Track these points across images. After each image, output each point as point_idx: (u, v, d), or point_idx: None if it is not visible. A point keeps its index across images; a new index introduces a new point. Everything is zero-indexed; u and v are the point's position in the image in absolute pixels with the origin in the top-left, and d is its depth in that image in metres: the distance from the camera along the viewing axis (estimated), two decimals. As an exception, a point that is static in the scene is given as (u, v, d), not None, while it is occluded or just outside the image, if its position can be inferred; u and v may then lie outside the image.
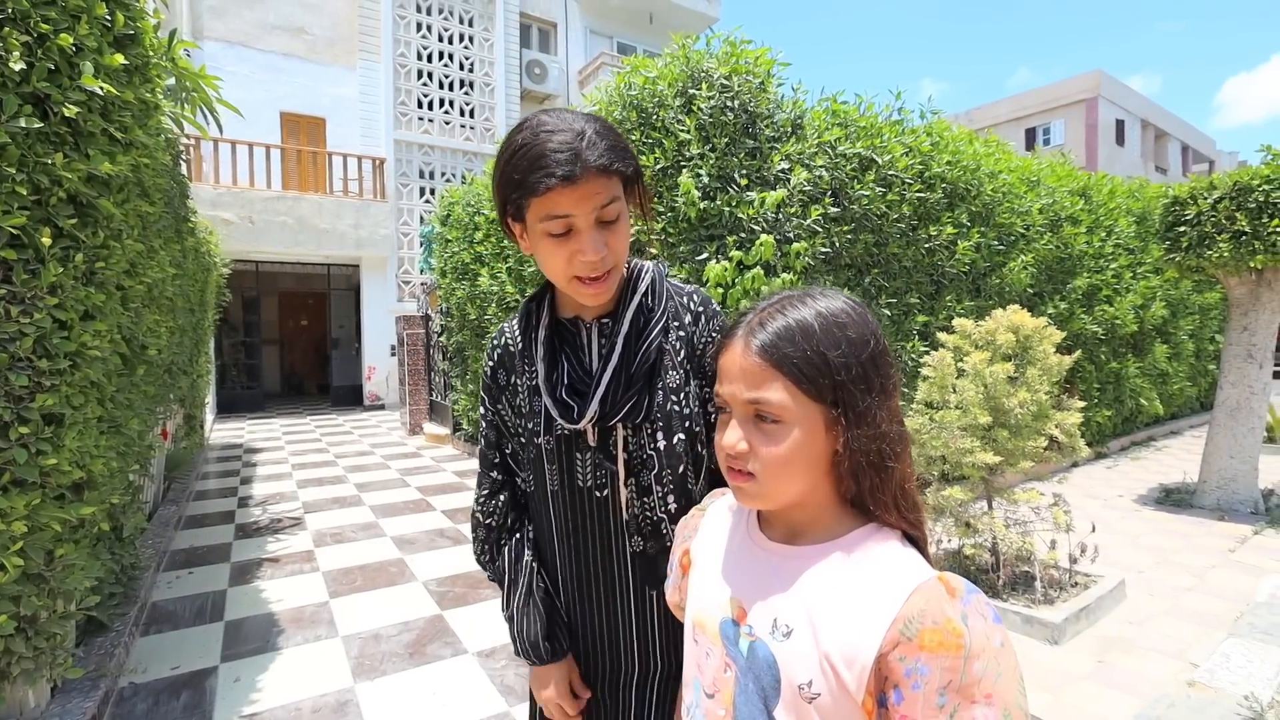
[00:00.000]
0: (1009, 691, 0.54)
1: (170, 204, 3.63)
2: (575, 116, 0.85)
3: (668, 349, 0.94)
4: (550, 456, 0.96)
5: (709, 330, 0.98)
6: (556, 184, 0.79)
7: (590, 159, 0.80)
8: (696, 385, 0.96)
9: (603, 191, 0.82)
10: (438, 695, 2.36)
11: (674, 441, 0.92)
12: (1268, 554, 3.61)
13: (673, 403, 0.93)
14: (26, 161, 1.68)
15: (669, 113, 3.64)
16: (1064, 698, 2.26)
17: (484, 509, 1.06)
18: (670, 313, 0.96)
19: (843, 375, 0.60)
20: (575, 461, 0.95)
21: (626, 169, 0.85)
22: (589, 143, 0.81)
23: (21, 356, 1.72)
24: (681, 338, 0.95)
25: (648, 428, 0.92)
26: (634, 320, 0.93)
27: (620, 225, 0.86)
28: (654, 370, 0.93)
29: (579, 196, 0.81)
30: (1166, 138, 26.99)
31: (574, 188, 0.80)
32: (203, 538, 4.24)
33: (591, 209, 0.82)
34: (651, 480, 0.92)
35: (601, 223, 0.84)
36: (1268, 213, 3.85)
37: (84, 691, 2.15)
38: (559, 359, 0.95)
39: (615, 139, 0.84)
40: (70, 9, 1.75)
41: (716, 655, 0.69)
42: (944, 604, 0.56)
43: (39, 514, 1.78)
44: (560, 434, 0.94)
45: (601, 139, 0.82)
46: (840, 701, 0.58)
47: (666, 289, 0.98)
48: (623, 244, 0.88)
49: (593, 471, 0.94)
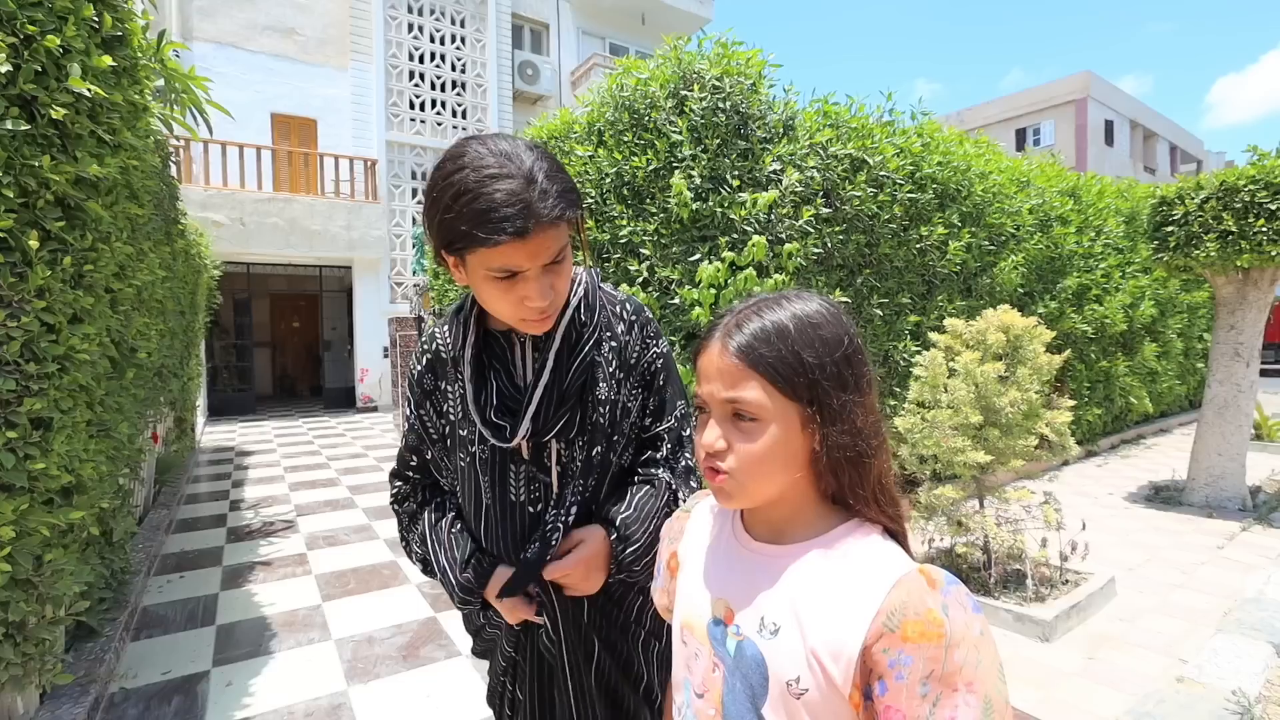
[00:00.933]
0: (989, 679, 0.56)
1: (160, 206, 3.61)
2: (518, 151, 0.79)
3: (599, 362, 0.94)
4: (484, 467, 0.95)
5: (642, 338, 0.99)
6: (507, 240, 0.75)
7: (542, 212, 0.76)
8: (628, 390, 0.97)
9: (554, 244, 0.80)
10: (431, 698, 2.35)
11: (593, 453, 0.94)
12: (1255, 550, 3.65)
13: (599, 414, 0.94)
14: (13, 164, 1.67)
15: (661, 114, 3.65)
16: (1054, 694, 2.27)
17: (407, 499, 1.09)
18: (602, 325, 0.95)
19: (817, 374, 0.62)
20: (509, 473, 0.94)
21: (576, 215, 0.82)
22: (540, 192, 0.76)
23: (9, 360, 1.70)
24: (614, 348, 0.96)
25: (580, 440, 0.94)
26: (566, 336, 0.91)
27: (565, 264, 0.84)
28: (585, 385, 0.93)
29: (530, 251, 0.78)
30: (1155, 138, 27.23)
31: (525, 243, 0.76)
32: (194, 541, 4.21)
33: (543, 261, 0.80)
34: (569, 490, 0.94)
35: (549, 264, 0.81)
36: (1253, 213, 3.89)
37: (74, 697, 2.13)
38: (488, 375, 0.93)
39: (564, 180, 0.80)
40: (57, 10, 1.74)
41: (705, 656, 0.70)
42: (925, 595, 0.57)
43: (27, 519, 1.76)
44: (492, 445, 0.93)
45: (552, 183, 0.78)
46: (828, 696, 0.59)
47: (600, 300, 0.96)
48: (567, 281, 0.87)
49: (525, 485, 0.94)
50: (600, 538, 0.92)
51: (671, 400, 1.01)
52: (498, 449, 0.93)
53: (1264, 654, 2.44)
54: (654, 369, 0.99)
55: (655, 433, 0.98)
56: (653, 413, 0.99)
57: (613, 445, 0.96)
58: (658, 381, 0.99)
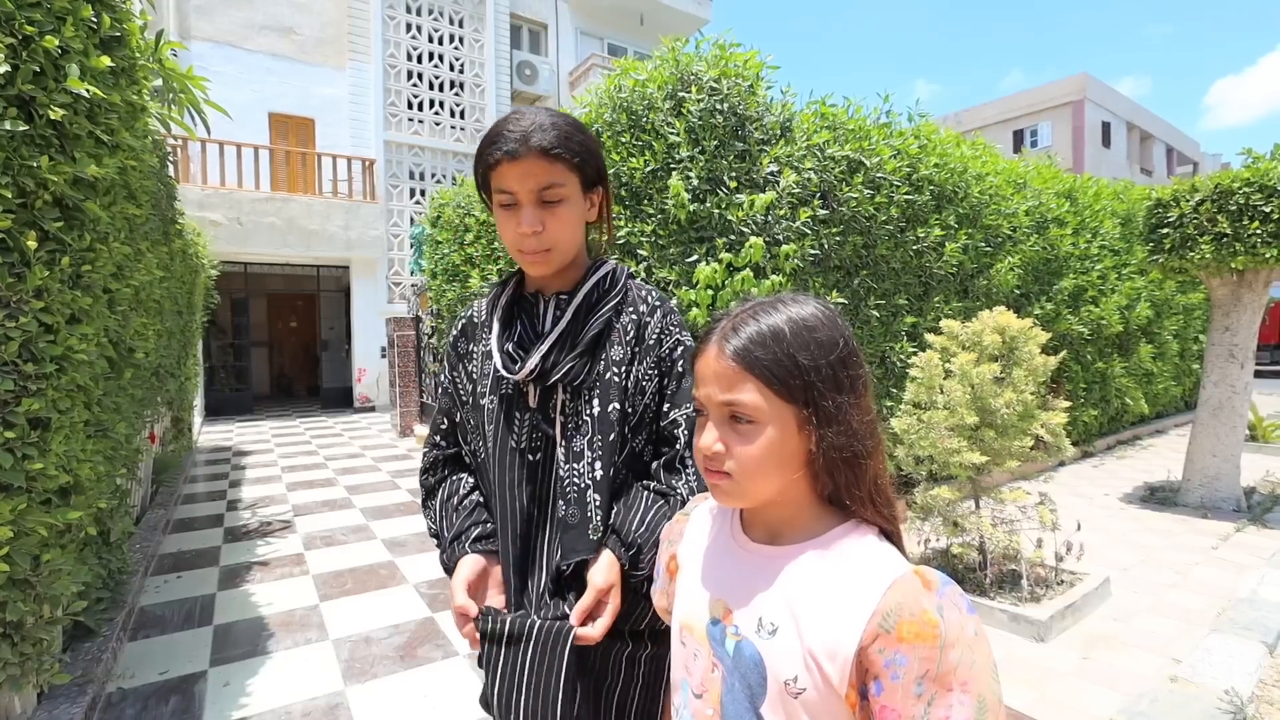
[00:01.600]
0: (983, 679, 0.57)
1: (157, 206, 3.61)
2: (553, 114, 0.94)
3: (616, 326, 0.99)
4: (490, 416, 1.00)
5: (664, 322, 1.01)
6: (501, 158, 0.90)
7: (534, 141, 0.89)
8: (644, 368, 0.99)
9: (542, 173, 0.90)
10: (429, 698, 2.36)
11: (608, 409, 0.96)
12: (1249, 551, 3.67)
13: (613, 373, 0.97)
14: (11, 164, 1.67)
15: (659, 115, 3.65)
16: (1048, 694, 2.29)
17: (428, 473, 1.13)
18: (623, 297, 1.02)
19: (812, 376, 0.63)
20: (514, 421, 0.99)
21: (572, 158, 0.92)
22: (540, 129, 0.90)
23: (7, 361, 1.70)
24: (633, 320, 1.00)
25: (585, 393, 0.96)
26: (588, 295, 0.99)
27: (561, 210, 0.93)
28: (599, 340, 0.98)
29: (520, 173, 0.90)
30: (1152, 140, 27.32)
31: (515, 164, 0.90)
32: (191, 541, 4.21)
33: (531, 187, 0.91)
34: (584, 445, 0.95)
35: (543, 203, 0.92)
36: (1248, 215, 3.92)
37: (71, 697, 2.13)
38: (514, 324, 1.02)
39: (574, 134, 0.93)
40: (56, 11, 1.74)
41: (704, 656, 0.70)
42: (920, 597, 0.58)
43: (25, 519, 1.76)
44: (503, 393, 1.00)
45: (556, 130, 0.91)
46: (825, 695, 0.60)
47: (626, 281, 1.04)
48: (563, 228, 0.94)
49: (529, 433, 0.98)
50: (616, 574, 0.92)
51: (688, 391, 1.02)
52: (505, 399, 1.00)
53: (1257, 654, 2.46)
54: (674, 355, 1.00)
55: (672, 418, 0.99)
56: (670, 398, 1.00)
57: (626, 415, 0.97)
58: (676, 368, 1.00)
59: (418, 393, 8.97)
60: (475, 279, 5.87)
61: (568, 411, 0.97)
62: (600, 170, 0.99)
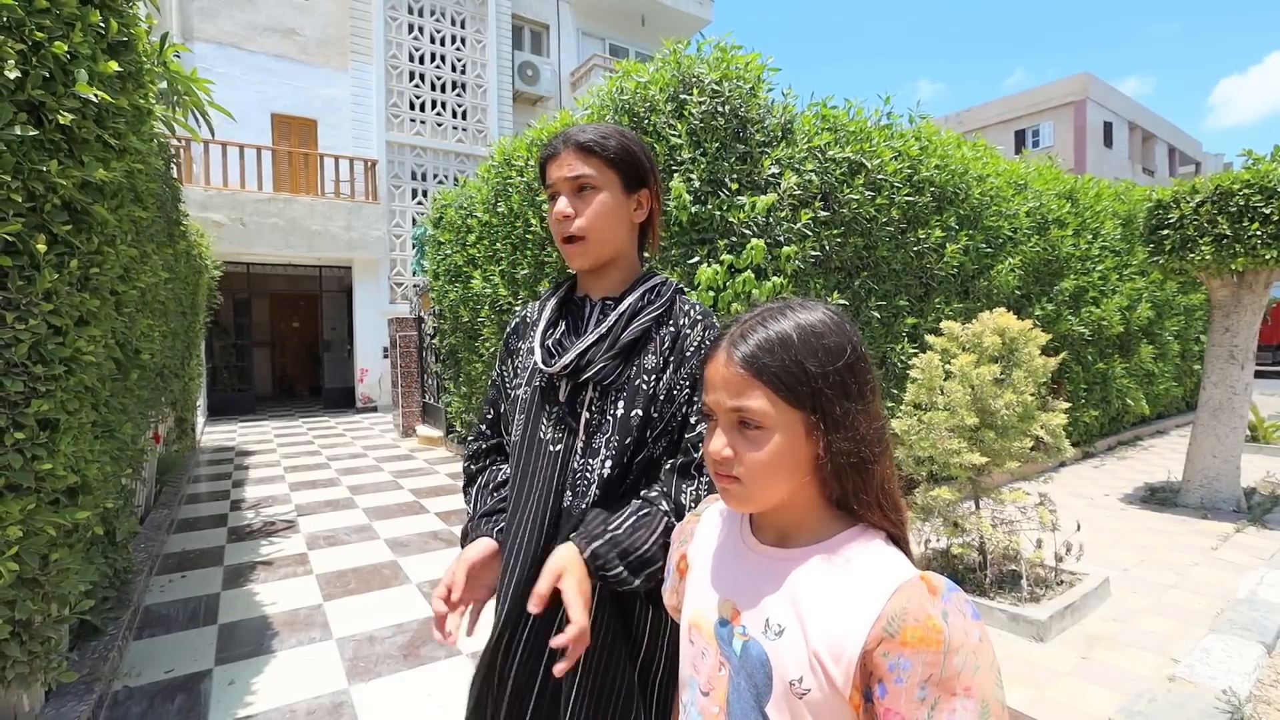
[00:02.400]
0: (987, 684, 0.58)
1: (162, 208, 3.63)
2: (605, 125, 1.05)
3: (655, 336, 1.03)
4: (523, 406, 1.07)
5: (704, 336, 1.03)
6: (547, 156, 1.04)
7: (571, 138, 1.01)
8: (673, 378, 1.01)
9: (576, 165, 1.00)
10: (432, 696, 2.38)
11: (631, 414, 0.98)
12: (1249, 551, 3.68)
13: (643, 380, 1.00)
14: (21, 169, 1.69)
15: (660, 117, 3.67)
16: (1048, 693, 2.30)
17: (471, 461, 1.20)
18: (667, 309, 1.05)
19: (820, 383, 0.63)
20: (543, 413, 1.04)
21: (606, 154, 1.01)
22: (582, 131, 1.02)
23: (17, 362, 1.72)
24: (670, 333, 1.03)
25: (613, 394, 1.00)
26: (634, 303, 1.04)
27: (594, 199, 1.01)
28: (635, 346, 1.01)
29: (558, 166, 1.02)
30: (1153, 140, 27.29)
31: (556, 159, 1.02)
32: (195, 541, 4.23)
33: (566, 175, 1.01)
34: (602, 444, 0.99)
35: (578, 192, 1.01)
36: (1248, 216, 3.93)
37: (78, 695, 2.16)
38: (560, 323, 1.09)
39: (613, 136, 1.02)
40: (65, 17, 1.76)
41: (711, 655, 0.72)
42: (925, 602, 0.59)
43: (34, 519, 1.78)
44: (538, 386, 1.06)
45: (595, 131, 1.02)
46: (829, 697, 0.61)
47: (673, 295, 1.08)
48: (597, 217, 1.01)
49: (554, 425, 1.03)
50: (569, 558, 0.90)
51: None
52: (539, 391, 1.06)
53: (1255, 654, 2.47)
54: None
55: (699, 431, 0.99)
56: (699, 411, 1.00)
57: (650, 420, 0.99)
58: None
59: (420, 393, 8.99)
60: (477, 280, 5.89)
61: (594, 409, 1.01)
62: (645, 175, 1.06)
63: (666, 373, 1.01)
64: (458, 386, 6.99)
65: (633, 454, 0.99)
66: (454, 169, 12.74)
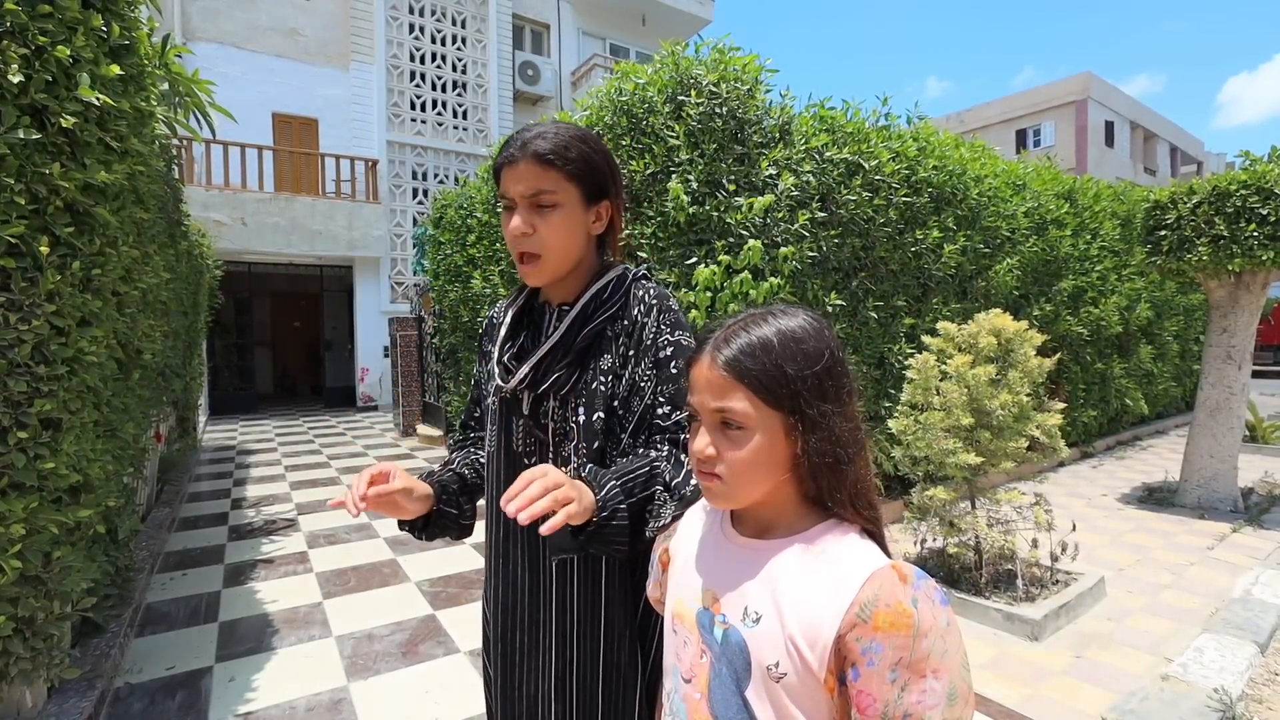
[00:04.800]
0: (954, 667, 0.61)
1: (164, 209, 3.65)
2: (563, 126, 0.98)
3: (609, 335, 1.01)
4: (493, 417, 1.07)
5: (659, 322, 1.01)
6: (503, 163, 0.96)
7: (531, 148, 0.94)
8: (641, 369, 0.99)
9: (534, 178, 0.94)
10: (430, 694, 2.40)
11: (593, 418, 0.98)
12: (1245, 551, 3.70)
13: (600, 382, 0.99)
14: (25, 171, 1.71)
15: (659, 119, 3.69)
16: (1042, 692, 2.32)
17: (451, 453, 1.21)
18: (621, 304, 1.03)
19: (798, 385, 0.66)
20: (512, 424, 1.05)
21: (566, 167, 0.95)
22: (541, 138, 0.95)
23: (20, 363, 1.75)
24: (625, 326, 1.01)
25: (572, 401, 1.00)
26: (585, 306, 1.02)
27: (554, 216, 0.96)
28: (589, 351, 1.01)
29: (513, 178, 0.95)
30: (1155, 139, 27.26)
31: (513, 169, 0.95)
32: (196, 539, 4.26)
33: (522, 191, 0.95)
34: (571, 451, 0.99)
35: (537, 207, 0.96)
36: (1245, 217, 3.94)
37: (80, 692, 2.18)
38: (520, 332, 1.08)
39: (574, 145, 0.95)
40: (67, 21, 1.78)
41: (693, 643, 0.74)
42: (896, 589, 0.62)
43: (37, 517, 1.81)
44: (503, 397, 1.05)
45: (555, 139, 0.94)
46: (805, 680, 0.64)
47: (629, 286, 1.05)
48: (555, 234, 0.97)
49: (524, 438, 1.03)
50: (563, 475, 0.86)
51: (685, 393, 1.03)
52: (505, 402, 1.05)
53: (1248, 653, 2.49)
54: (667, 353, 0.99)
55: (675, 420, 0.97)
56: (669, 400, 0.98)
57: (617, 418, 0.99)
58: (670, 368, 0.98)
59: (420, 392, 9.01)
60: (477, 280, 5.91)
61: (556, 418, 1.01)
62: (606, 185, 1.01)
63: (629, 368, 0.99)
64: (458, 386, 7.02)
65: (602, 457, 0.99)
66: (454, 168, 12.76)
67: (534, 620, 1.02)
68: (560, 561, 1.00)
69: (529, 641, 1.02)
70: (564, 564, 1.00)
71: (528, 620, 1.02)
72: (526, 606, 1.03)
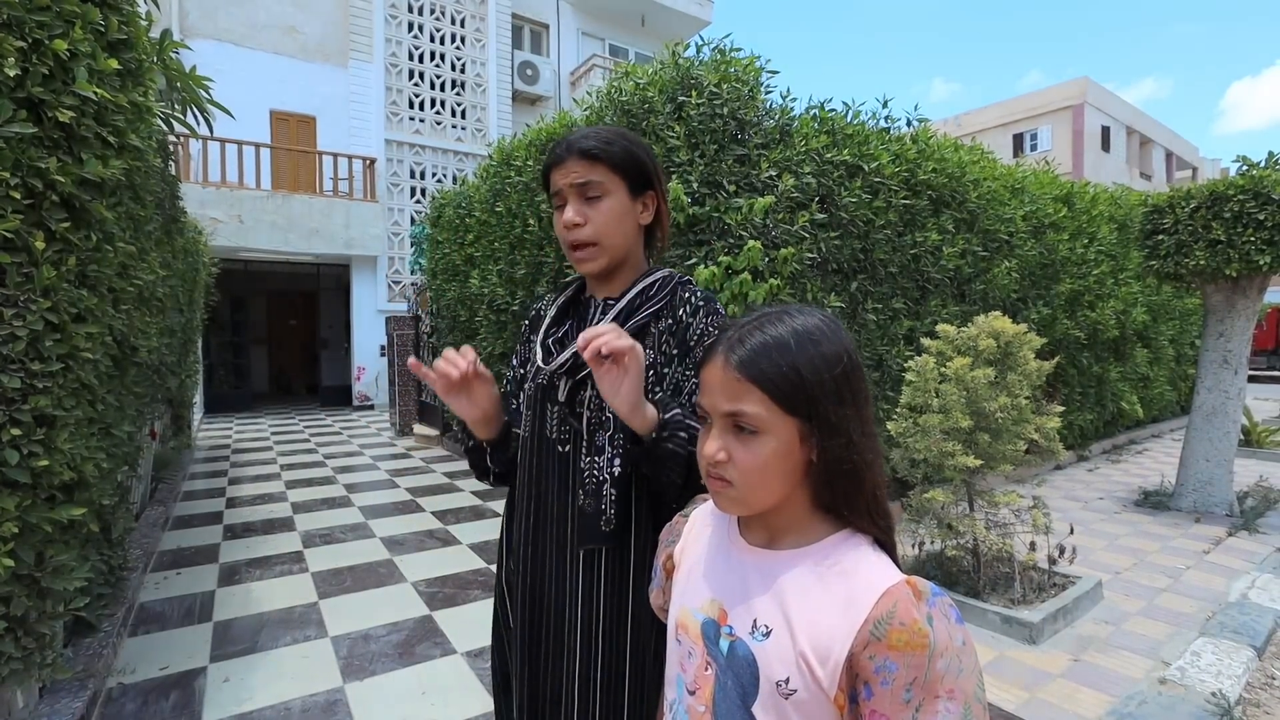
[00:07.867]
0: (969, 687, 0.59)
1: (161, 205, 3.63)
2: (607, 128, 1.05)
3: (653, 331, 1.03)
4: (529, 403, 1.10)
5: (706, 323, 1.02)
6: (551, 163, 1.03)
7: (575, 144, 1.01)
8: (679, 369, 1.02)
9: (581, 171, 1.00)
10: (427, 695, 2.38)
11: None
12: (1241, 555, 3.70)
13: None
14: (20, 166, 1.69)
15: (659, 119, 3.68)
16: (1039, 695, 2.32)
17: None
18: (667, 302, 1.05)
19: (815, 390, 0.63)
20: (547, 411, 1.06)
21: (612, 159, 1.00)
22: (585, 137, 1.01)
23: (14, 358, 1.73)
24: (669, 325, 1.03)
25: None
26: (632, 300, 1.05)
27: (603, 205, 1.01)
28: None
29: (562, 173, 1.01)
30: (1151, 144, 27.37)
31: (561, 166, 1.02)
32: (190, 538, 4.23)
33: (572, 182, 1.00)
34: (605, 441, 0.99)
35: (586, 199, 1.01)
36: (1242, 222, 3.95)
37: (72, 692, 2.16)
38: (565, 321, 1.12)
39: (616, 140, 1.02)
40: (65, 14, 1.76)
41: (698, 654, 0.72)
42: (911, 606, 0.60)
43: (30, 515, 1.79)
44: (540, 383, 1.07)
45: (598, 137, 1.01)
46: (815, 697, 0.62)
47: (674, 286, 1.08)
48: (606, 223, 1.02)
49: (558, 425, 1.05)
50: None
51: None
52: (541, 389, 1.07)
53: (1245, 657, 2.49)
54: None
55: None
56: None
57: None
58: None
59: (417, 392, 8.98)
60: (475, 279, 5.89)
61: (593, 408, 1.01)
62: (650, 177, 1.06)
63: (672, 366, 1.02)
64: (455, 385, 6.98)
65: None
66: (453, 167, 12.73)
67: (560, 613, 1.02)
68: (588, 554, 1.00)
69: (554, 634, 1.02)
70: (591, 557, 1.00)
71: (554, 612, 1.03)
72: (554, 598, 1.03)
